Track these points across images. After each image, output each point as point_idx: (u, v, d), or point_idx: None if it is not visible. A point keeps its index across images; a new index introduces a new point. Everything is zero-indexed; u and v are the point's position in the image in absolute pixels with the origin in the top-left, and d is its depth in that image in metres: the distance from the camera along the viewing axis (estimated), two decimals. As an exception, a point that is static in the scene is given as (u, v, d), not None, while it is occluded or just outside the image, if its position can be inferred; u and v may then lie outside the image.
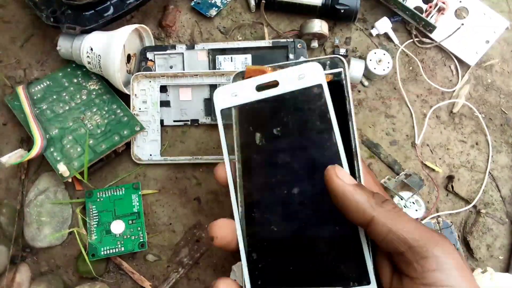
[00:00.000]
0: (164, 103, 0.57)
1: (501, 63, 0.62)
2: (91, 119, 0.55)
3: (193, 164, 0.56)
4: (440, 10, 0.60)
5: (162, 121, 0.57)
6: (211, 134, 0.58)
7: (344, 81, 0.36)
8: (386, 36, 0.62)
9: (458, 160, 0.58)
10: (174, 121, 0.57)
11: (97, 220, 0.52)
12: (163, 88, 0.57)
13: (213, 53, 0.57)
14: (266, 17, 0.59)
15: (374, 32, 0.61)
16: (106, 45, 0.53)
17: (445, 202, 0.56)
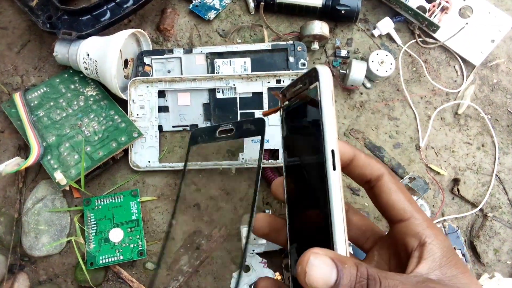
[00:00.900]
0: (163, 108, 0.56)
1: (507, 62, 0.60)
2: (89, 126, 0.54)
3: (192, 169, 0.55)
4: (443, 9, 0.59)
5: (160, 126, 0.56)
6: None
7: (319, 99, 0.27)
8: (389, 36, 0.61)
9: (464, 163, 0.56)
10: (173, 126, 0.56)
11: (95, 228, 0.52)
12: (161, 93, 0.56)
13: (211, 57, 0.56)
14: (266, 19, 0.58)
15: (376, 32, 0.60)
16: (102, 50, 0.52)
17: (450, 205, 0.55)
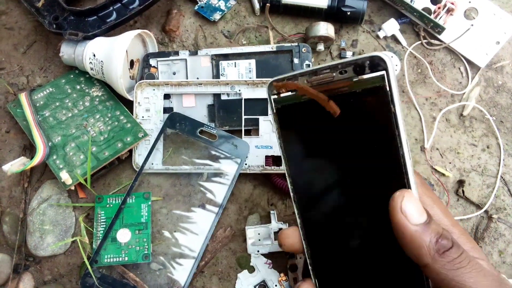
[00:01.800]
0: (167, 110, 0.56)
1: (512, 64, 0.60)
2: (94, 126, 0.54)
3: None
4: (449, 11, 0.59)
5: (165, 128, 0.56)
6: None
7: (388, 87, 0.29)
8: (394, 38, 0.61)
9: (469, 164, 0.56)
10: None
11: (104, 226, 0.52)
12: (166, 95, 0.56)
13: (216, 58, 0.56)
14: (271, 20, 0.59)
15: (381, 34, 0.60)
16: (108, 51, 0.52)
17: (455, 207, 0.55)
